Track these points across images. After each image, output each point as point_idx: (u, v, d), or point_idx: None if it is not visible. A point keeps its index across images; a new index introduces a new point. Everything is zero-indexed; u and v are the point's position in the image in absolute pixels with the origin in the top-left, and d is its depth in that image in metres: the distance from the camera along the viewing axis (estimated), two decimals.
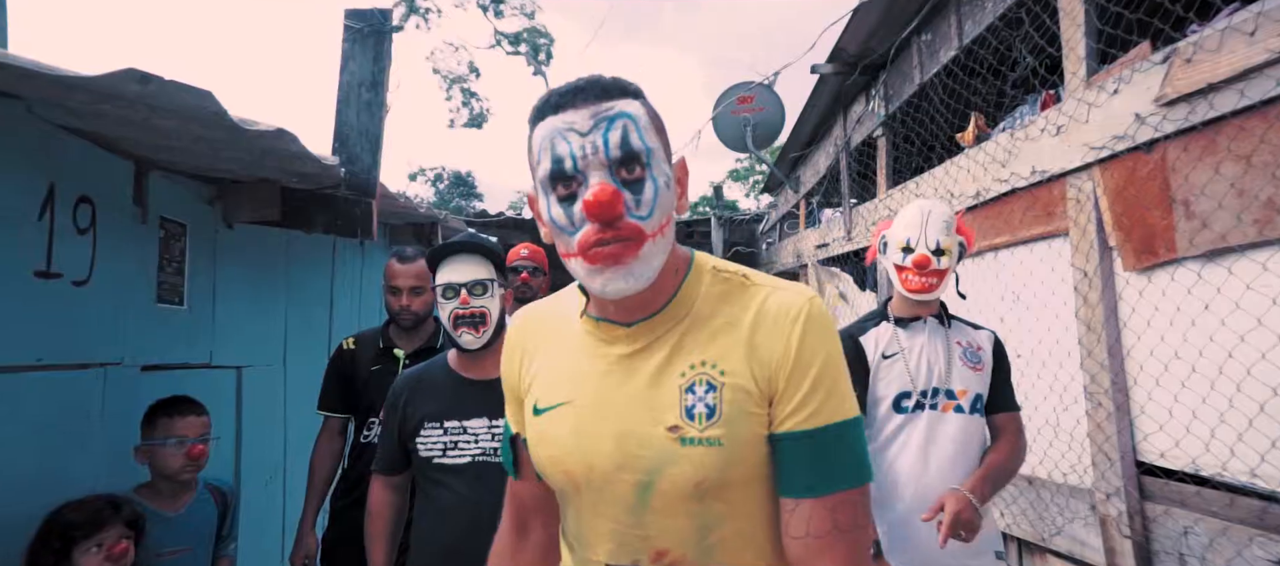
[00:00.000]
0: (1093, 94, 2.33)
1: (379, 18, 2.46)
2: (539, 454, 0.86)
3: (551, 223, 0.79)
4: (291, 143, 1.96)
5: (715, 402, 0.78)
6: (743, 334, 0.80)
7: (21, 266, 1.52)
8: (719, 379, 0.79)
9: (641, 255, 0.75)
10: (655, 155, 0.78)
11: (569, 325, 0.88)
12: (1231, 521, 1.90)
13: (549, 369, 0.88)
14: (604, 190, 0.73)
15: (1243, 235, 1.84)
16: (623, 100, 0.78)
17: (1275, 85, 1.69)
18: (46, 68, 1.28)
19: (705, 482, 0.77)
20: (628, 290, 0.76)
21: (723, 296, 0.84)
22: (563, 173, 0.76)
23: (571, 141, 0.76)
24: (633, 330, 0.82)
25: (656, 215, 0.77)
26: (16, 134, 1.47)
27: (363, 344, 2.25)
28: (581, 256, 0.76)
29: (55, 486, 1.59)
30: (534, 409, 0.87)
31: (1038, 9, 2.67)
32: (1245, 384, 1.84)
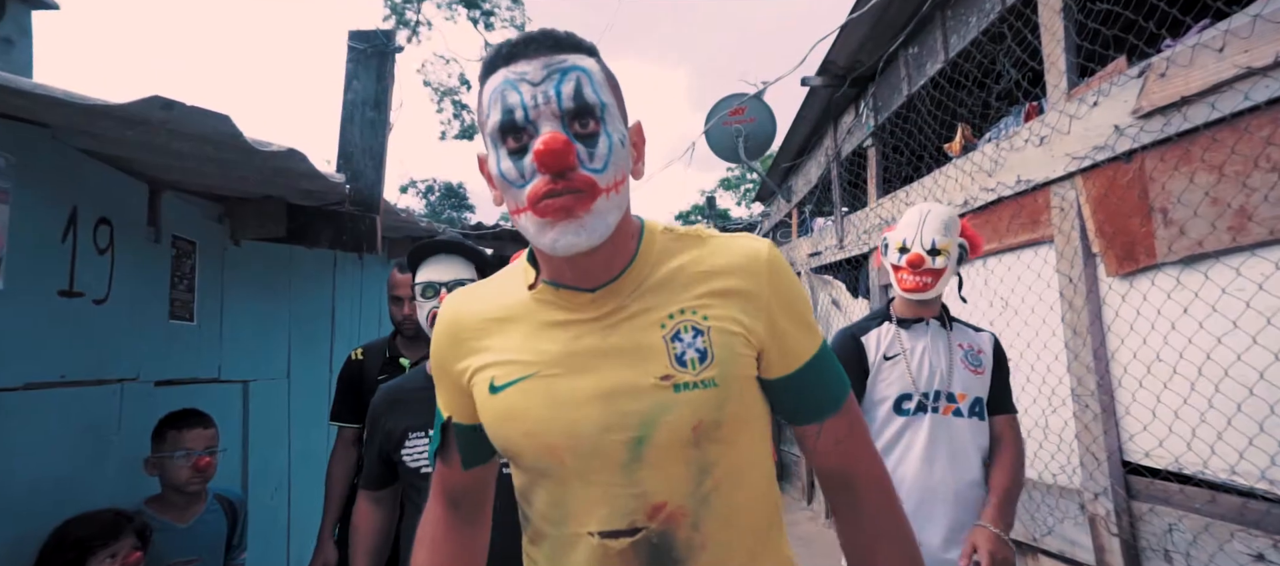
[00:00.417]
0: (1073, 106, 2.42)
1: (382, 39, 2.53)
2: (508, 431, 0.81)
3: (500, 177, 0.75)
4: (301, 162, 2.02)
5: (705, 346, 0.79)
6: (718, 282, 0.82)
7: (47, 287, 1.57)
8: (703, 323, 0.80)
9: (594, 209, 0.73)
10: (609, 110, 0.76)
11: (512, 301, 0.85)
12: (1213, 517, 1.98)
13: (500, 346, 0.83)
14: (555, 138, 0.70)
15: (1217, 241, 1.93)
16: (576, 54, 0.76)
17: (1243, 99, 1.78)
18: (74, 96, 1.34)
19: (702, 424, 0.78)
20: (579, 245, 0.73)
21: (682, 250, 0.84)
22: (513, 123, 0.73)
23: (522, 91, 0.73)
24: (597, 295, 0.81)
25: (611, 170, 0.74)
26: (42, 159, 1.53)
27: (370, 354, 2.27)
28: (531, 210, 0.74)
29: (75, 498, 1.64)
30: (490, 387, 0.82)
31: (1019, 25, 2.77)
32: (1223, 384, 1.93)
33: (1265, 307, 1.78)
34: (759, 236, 0.87)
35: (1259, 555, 1.82)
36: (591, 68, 0.76)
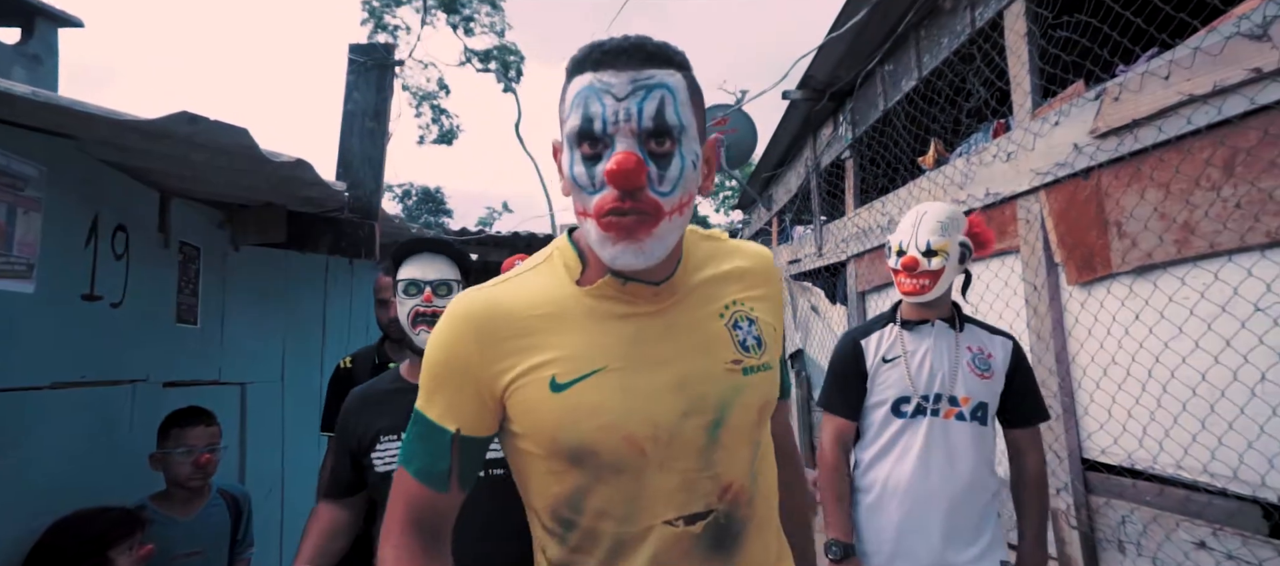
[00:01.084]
0: (1037, 125, 2.59)
1: (382, 52, 2.62)
2: (583, 427, 0.78)
3: (572, 179, 0.77)
4: (307, 172, 2.10)
5: (759, 333, 0.88)
6: (749, 280, 0.91)
7: (72, 291, 1.64)
8: (752, 313, 0.88)
9: (656, 233, 0.75)
10: (687, 132, 0.76)
11: (560, 296, 0.84)
12: (1161, 509, 2.14)
13: (557, 343, 0.81)
14: (628, 158, 0.71)
15: (1165, 253, 2.09)
16: (665, 70, 0.75)
17: (1186, 123, 1.95)
18: (109, 112, 1.43)
19: (766, 405, 0.87)
20: (636, 266, 0.76)
21: (714, 251, 0.92)
22: (591, 132, 0.74)
23: (605, 103, 0.73)
24: (659, 288, 0.83)
25: (678, 193, 0.76)
26: (70, 170, 1.60)
27: (359, 362, 2.22)
28: (596, 220, 0.75)
29: (90, 493, 1.71)
30: (552, 385, 0.79)
31: (988, 47, 2.94)
32: (1170, 385, 2.09)
33: (1206, 314, 1.95)
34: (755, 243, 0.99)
35: (1201, 542, 1.98)
36: (677, 85, 0.76)
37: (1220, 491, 1.96)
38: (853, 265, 4.37)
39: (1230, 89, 1.79)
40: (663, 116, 0.74)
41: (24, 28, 2.57)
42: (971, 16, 3.00)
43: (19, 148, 1.42)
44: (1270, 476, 1.77)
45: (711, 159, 0.84)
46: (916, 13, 3.34)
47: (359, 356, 2.26)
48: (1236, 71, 1.75)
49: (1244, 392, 1.83)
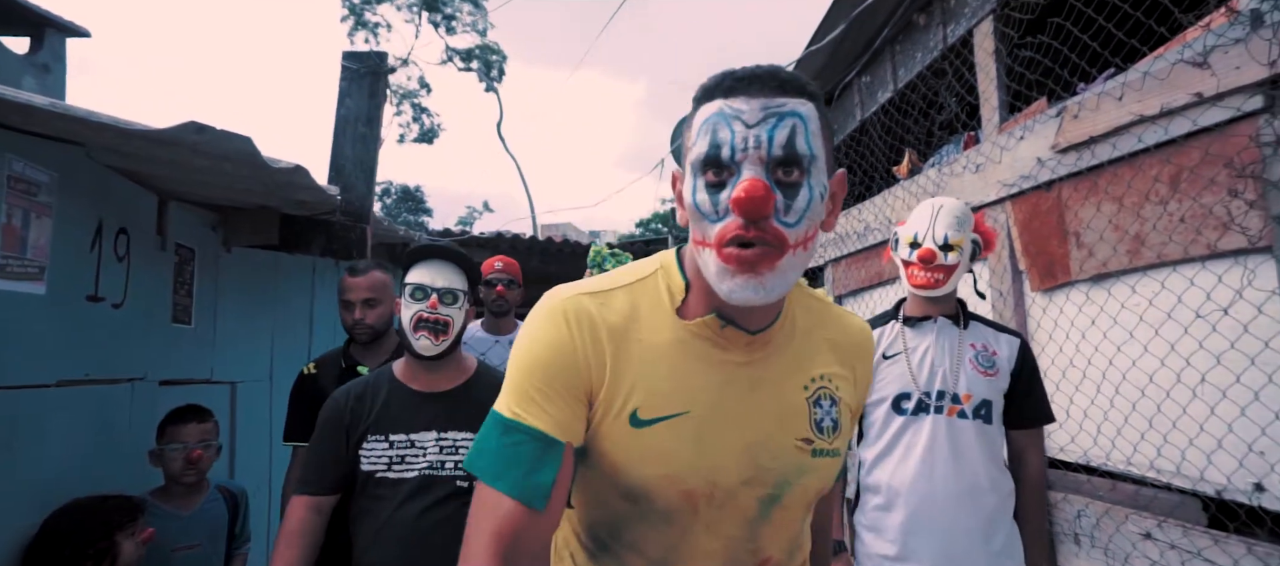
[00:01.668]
0: (1004, 139, 2.73)
1: (376, 60, 2.68)
2: (648, 472, 0.75)
3: (693, 207, 0.73)
4: (304, 177, 2.17)
5: (837, 417, 0.82)
6: (842, 356, 0.85)
7: (78, 292, 1.70)
8: (837, 393, 0.83)
9: (779, 267, 0.71)
10: (817, 162, 0.73)
11: (659, 323, 0.79)
12: (1112, 503, 2.28)
13: (649, 373, 0.77)
14: (756, 185, 0.67)
15: (1119, 263, 2.23)
16: (797, 99, 0.73)
17: (1137, 141, 2.09)
18: (120, 122, 1.49)
19: (822, 490, 0.83)
20: (754, 302, 0.71)
21: (815, 312, 0.86)
22: (717, 159, 0.71)
23: (735, 130, 0.71)
24: (753, 338, 0.78)
25: (803, 225, 0.72)
26: (78, 176, 1.66)
27: (324, 367, 2.14)
28: (716, 250, 0.71)
29: (92, 488, 1.76)
30: (633, 419, 0.75)
31: (959, 63, 3.08)
32: (1122, 387, 2.23)
33: (1154, 320, 2.09)
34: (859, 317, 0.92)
35: (1147, 533, 2.12)
36: (809, 114, 0.73)
37: (1165, 486, 2.10)
38: (830, 269, 4.50)
39: (1175, 111, 1.92)
40: (793, 145, 0.70)
41: (34, 38, 2.61)
42: (944, 33, 3.14)
43: (33, 155, 1.48)
44: (1208, 471, 1.91)
45: (838, 195, 0.79)
46: (892, 28, 3.47)
47: (324, 361, 2.17)
48: (1181, 95, 1.89)
49: (1186, 394, 1.97)
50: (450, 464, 1.58)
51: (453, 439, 1.59)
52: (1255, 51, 1.65)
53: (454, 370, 1.66)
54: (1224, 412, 1.86)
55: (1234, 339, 1.82)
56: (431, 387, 1.62)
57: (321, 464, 1.57)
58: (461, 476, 1.57)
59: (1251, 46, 1.67)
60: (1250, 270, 1.77)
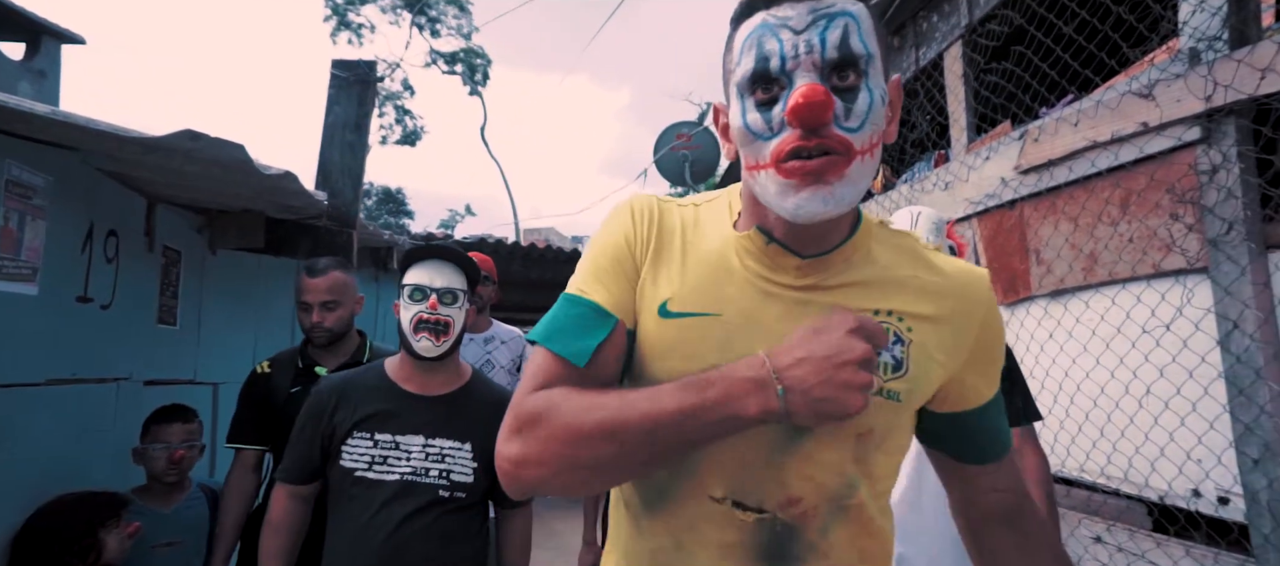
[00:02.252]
0: (971, 158, 2.85)
1: (364, 68, 2.74)
2: (668, 366, 0.74)
3: (744, 129, 0.69)
4: (292, 182, 2.22)
5: (903, 355, 0.73)
6: (931, 303, 0.75)
7: (68, 293, 1.74)
8: (908, 334, 0.74)
9: (848, 175, 0.66)
10: (874, 62, 0.68)
11: (713, 231, 0.78)
12: (1067, 508, 2.39)
13: (691, 270, 0.76)
14: (814, 91, 0.62)
15: (1075, 279, 2.35)
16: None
17: (1091, 165, 2.21)
18: (118, 129, 1.54)
19: (870, 436, 0.73)
20: (824, 214, 0.66)
21: (899, 251, 0.78)
22: (767, 72, 0.66)
23: (783, 38, 0.66)
24: (805, 262, 0.73)
25: (868, 130, 0.66)
26: (72, 179, 1.70)
27: (279, 366, 2.05)
28: (774, 168, 0.66)
29: (77, 484, 1.80)
30: (662, 309, 0.75)
31: (929, 85, 3.20)
32: (1076, 397, 2.34)
33: (1105, 335, 2.21)
34: (974, 264, 0.82)
35: (1097, 537, 2.24)
36: (860, 13, 0.68)
37: (1114, 491, 2.21)
38: None
39: (1124, 138, 2.05)
40: (848, 45, 0.65)
41: (29, 44, 2.63)
42: (916, 55, 3.27)
43: (30, 159, 1.53)
44: (1152, 478, 2.03)
45: (896, 102, 0.73)
46: None
47: (279, 360, 2.08)
48: (1129, 124, 2.01)
49: (1133, 404, 2.09)
50: (435, 472, 1.53)
51: (439, 446, 1.54)
52: (1193, 86, 1.78)
53: (450, 374, 1.63)
54: (1166, 423, 1.98)
55: (1175, 353, 1.94)
56: (424, 390, 1.58)
57: (302, 453, 1.55)
58: (444, 485, 1.53)
59: (1190, 81, 1.79)
60: (1189, 289, 1.89)
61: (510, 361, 2.70)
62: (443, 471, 1.54)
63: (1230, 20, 1.75)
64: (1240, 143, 1.73)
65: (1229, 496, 1.82)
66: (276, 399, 1.97)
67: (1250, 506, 1.73)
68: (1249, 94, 1.65)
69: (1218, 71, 1.73)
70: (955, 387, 0.78)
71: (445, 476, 1.54)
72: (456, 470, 1.56)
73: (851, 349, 0.62)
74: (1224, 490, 1.84)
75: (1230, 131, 1.75)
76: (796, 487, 0.73)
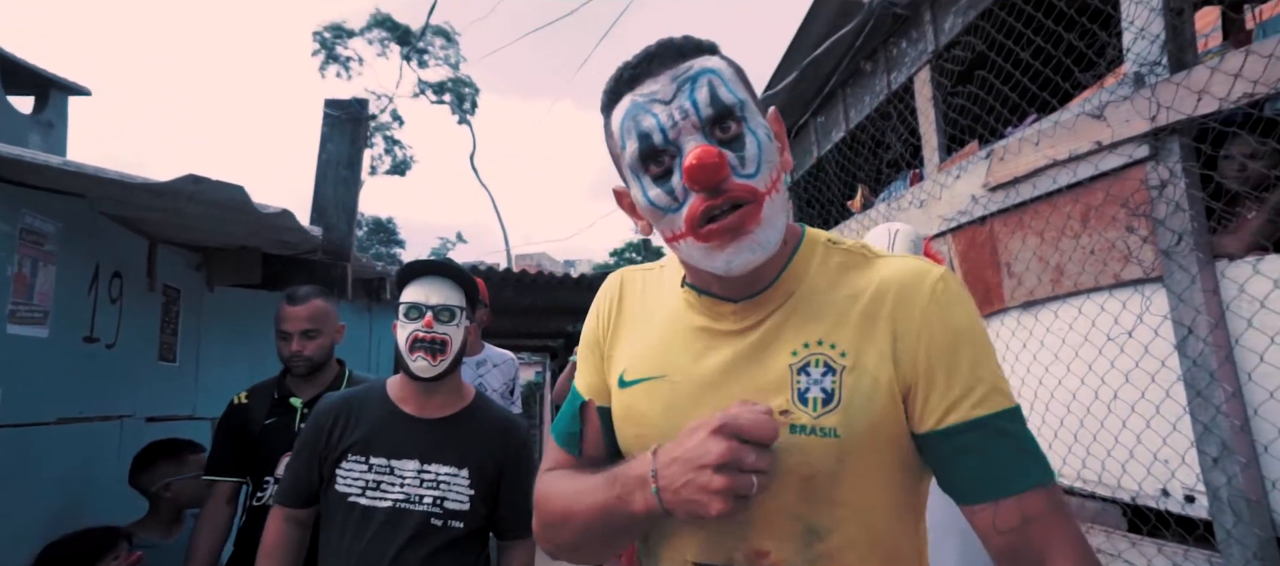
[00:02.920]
0: (943, 177, 2.97)
1: (356, 107, 2.84)
2: (624, 431, 0.77)
3: (650, 207, 0.70)
4: (289, 220, 2.30)
5: (833, 387, 0.69)
6: (865, 309, 0.71)
7: (75, 334, 1.80)
8: (839, 360, 0.69)
9: (764, 219, 0.67)
10: (749, 107, 0.69)
11: (665, 293, 0.81)
12: None
13: (641, 337, 0.79)
14: (706, 152, 0.64)
15: (1044, 291, 2.46)
16: (702, 57, 0.70)
17: (1052, 182, 2.32)
18: (126, 176, 1.62)
19: (816, 479, 0.68)
20: (755, 262, 0.67)
21: (841, 268, 0.75)
22: (653, 148, 0.68)
23: (656, 112, 0.68)
24: (739, 306, 0.74)
25: (765, 171, 0.68)
26: (79, 225, 1.78)
27: (256, 396, 2.02)
28: (692, 236, 0.68)
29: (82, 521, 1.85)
30: (620, 380, 0.77)
31: (902, 108, 3.33)
32: (1051, 404, 2.44)
33: (1074, 343, 2.31)
34: (927, 260, 0.75)
35: None
36: (719, 66, 0.70)
37: (1089, 494, 2.30)
38: None
39: (1080, 157, 2.16)
40: (719, 98, 0.67)
41: (38, 98, 2.72)
42: (888, 80, 3.40)
43: (40, 207, 1.60)
44: (1124, 479, 2.11)
45: (781, 133, 0.74)
46: (842, 74, 3.73)
47: (257, 391, 2.05)
48: (1084, 142, 2.13)
49: (1103, 409, 2.18)
50: (428, 499, 1.46)
51: (434, 472, 1.48)
52: (1139, 108, 1.90)
53: (450, 396, 1.55)
54: (1134, 425, 2.07)
55: (1138, 359, 2.03)
56: (422, 412, 1.51)
57: (299, 474, 1.50)
58: (437, 513, 1.46)
59: (1136, 103, 1.91)
60: (1147, 297, 1.99)
61: (503, 385, 2.77)
62: (436, 498, 1.46)
63: (1168, 46, 1.87)
64: (1184, 159, 1.85)
65: (1194, 494, 1.91)
66: (252, 430, 1.93)
67: (1213, 503, 1.82)
68: (1187, 115, 1.77)
69: (1160, 93, 1.85)
70: (922, 397, 0.69)
71: (439, 503, 1.46)
72: (451, 497, 1.48)
73: (707, 453, 0.63)
74: (1189, 488, 1.92)
75: (1175, 149, 1.86)
76: (759, 541, 0.71)
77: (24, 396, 1.60)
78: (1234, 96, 1.69)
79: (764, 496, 0.68)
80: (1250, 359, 1.74)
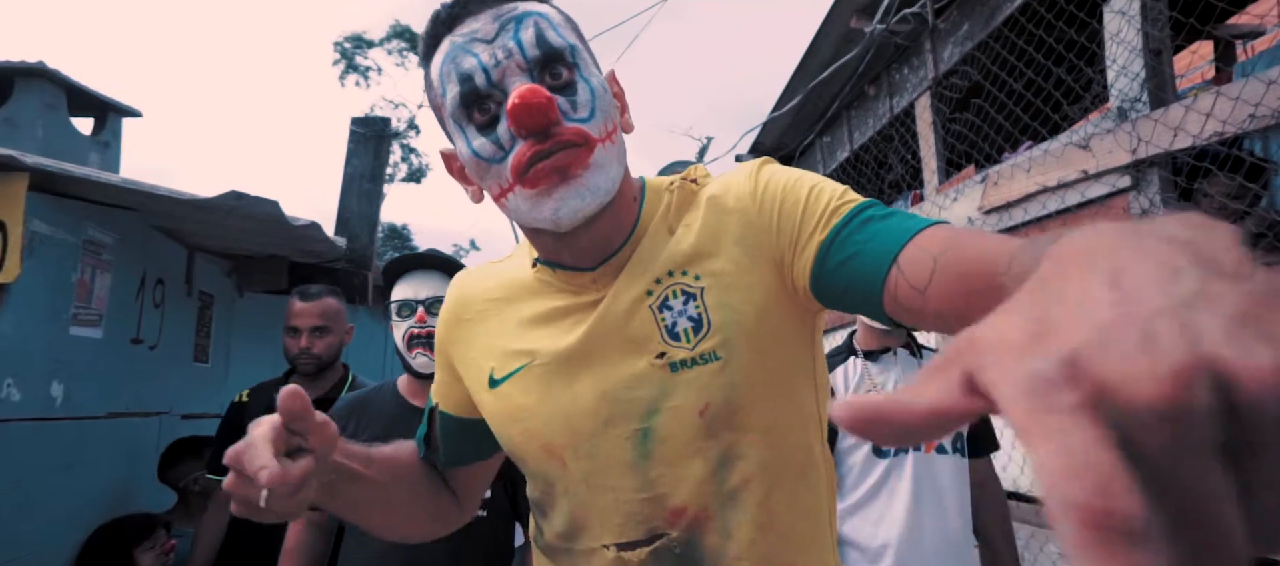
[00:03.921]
0: (941, 199, 3.07)
1: (380, 124, 3.00)
2: (510, 433, 0.71)
3: (475, 157, 0.63)
4: (318, 231, 2.45)
5: (698, 311, 0.66)
6: (706, 224, 0.68)
7: (124, 336, 1.96)
8: (694, 284, 0.66)
9: (594, 163, 0.61)
10: (581, 54, 0.65)
11: (515, 279, 0.75)
12: (1037, 526, 2.56)
13: (499, 331, 0.73)
14: (532, 91, 0.58)
15: None
16: (526, 1, 0.65)
17: (1042, 207, 2.43)
18: (172, 192, 1.77)
19: (711, 407, 0.65)
20: (585, 209, 0.61)
21: (678, 207, 0.71)
22: (475, 91, 0.62)
23: (478, 52, 0.62)
24: (597, 273, 0.69)
25: (599, 118, 0.63)
26: (131, 236, 1.94)
27: (258, 395, 2.00)
28: (519, 184, 0.62)
29: (126, 504, 2.00)
30: (489, 380, 0.72)
31: (903, 131, 3.45)
32: None
33: None
34: None
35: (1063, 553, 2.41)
36: (547, 11, 0.65)
37: None
38: None
39: (1068, 184, 2.27)
40: (546, 40, 0.62)
41: (97, 119, 2.92)
42: (890, 104, 3.52)
43: (99, 220, 1.76)
44: None
45: (619, 94, 0.70)
46: (845, 98, 3.86)
47: (259, 390, 2.03)
48: (1071, 171, 2.24)
49: None
50: None
51: None
52: (1121, 141, 2.01)
53: None
54: None
55: None
56: None
57: None
58: None
59: (1118, 136, 2.02)
60: None
61: None
62: None
63: (1148, 84, 1.98)
64: (1163, 191, 1.95)
65: None
66: None
67: None
68: (1165, 149, 1.88)
69: (1140, 128, 1.96)
70: (794, 261, 0.65)
71: None
72: None
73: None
74: None
75: (1155, 180, 1.97)
76: (675, 496, 0.66)
77: (81, 392, 1.75)
78: (1206, 134, 1.80)
79: (667, 448, 0.66)
80: None
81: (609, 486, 0.67)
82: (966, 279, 0.52)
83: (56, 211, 1.56)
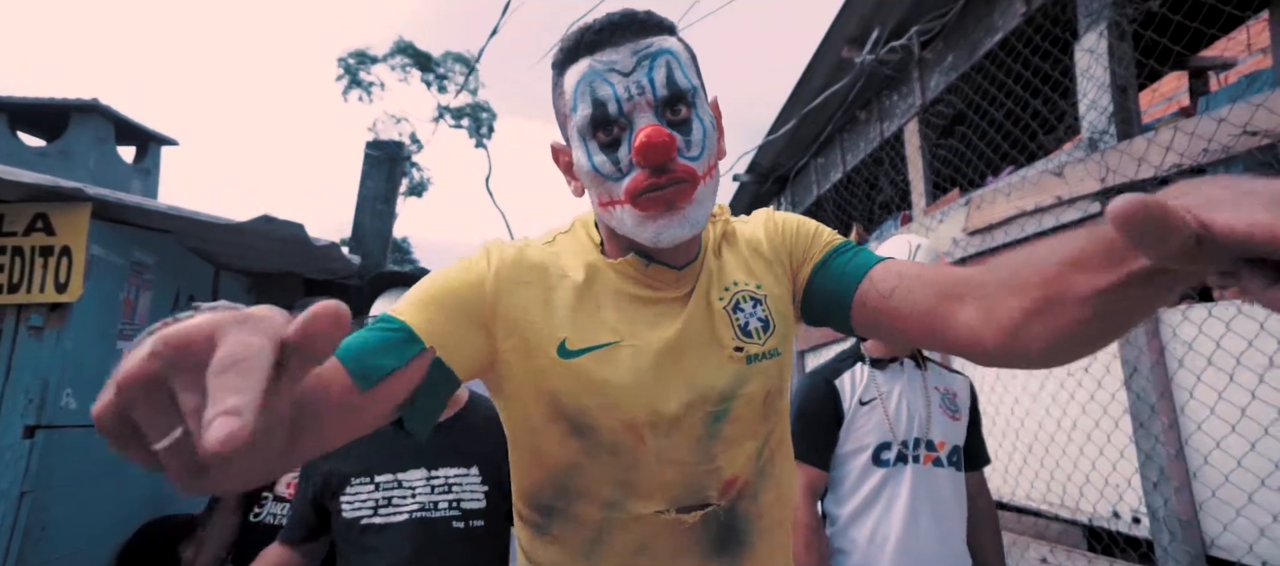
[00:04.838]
0: (928, 220, 3.22)
1: (393, 148, 3.14)
2: (586, 403, 0.75)
3: (593, 171, 0.73)
4: (336, 251, 2.59)
5: (766, 315, 0.80)
6: (756, 250, 0.85)
7: None
8: (759, 293, 0.81)
9: (696, 199, 0.72)
10: (698, 94, 0.74)
11: (585, 263, 0.80)
12: (1018, 533, 2.69)
13: (576, 305, 0.77)
14: (658, 133, 0.68)
15: None
16: (661, 36, 0.73)
17: (1021, 230, 2.58)
18: (212, 217, 1.91)
19: (770, 394, 0.80)
20: (682, 237, 0.72)
21: (724, 235, 0.87)
22: (606, 117, 0.71)
23: (614, 82, 0.70)
24: (681, 273, 0.79)
25: (706, 156, 0.73)
26: (168, 256, 2.07)
27: None
28: (630, 204, 0.71)
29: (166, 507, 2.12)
30: (561, 349, 0.75)
31: (893, 154, 3.61)
32: (1021, 433, 2.67)
33: (1040, 375, 2.54)
34: None
35: (1043, 559, 2.53)
36: (677, 49, 0.73)
37: (1055, 516, 2.51)
38: None
39: (1045, 209, 2.42)
40: (675, 81, 0.71)
41: (139, 148, 3.06)
42: (881, 129, 3.68)
43: (143, 243, 1.90)
44: (1082, 502, 2.34)
45: (720, 122, 0.80)
46: (838, 121, 4.02)
47: None
48: (1047, 197, 2.38)
49: (1064, 437, 2.41)
50: (444, 504, 1.44)
51: (444, 476, 1.47)
52: (1091, 169, 2.15)
53: None
54: (1089, 453, 2.30)
55: (1093, 392, 2.27)
56: None
57: (300, 509, 1.45)
58: (456, 516, 1.44)
59: (1088, 165, 2.17)
60: None
61: None
62: (452, 501, 1.45)
63: (1116, 118, 2.14)
64: None
65: (1140, 516, 2.13)
66: None
67: (1152, 523, 2.04)
68: (1130, 178, 2.02)
69: (1108, 158, 2.11)
70: (804, 260, 0.84)
71: (456, 506, 1.45)
72: (466, 497, 1.47)
73: None
74: (1135, 510, 2.15)
75: None
76: (729, 468, 0.78)
77: None
78: (1166, 165, 1.95)
79: (735, 428, 0.78)
80: (1182, 395, 1.98)
81: (677, 461, 0.77)
82: (934, 284, 0.70)
83: (110, 235, 1.72)
